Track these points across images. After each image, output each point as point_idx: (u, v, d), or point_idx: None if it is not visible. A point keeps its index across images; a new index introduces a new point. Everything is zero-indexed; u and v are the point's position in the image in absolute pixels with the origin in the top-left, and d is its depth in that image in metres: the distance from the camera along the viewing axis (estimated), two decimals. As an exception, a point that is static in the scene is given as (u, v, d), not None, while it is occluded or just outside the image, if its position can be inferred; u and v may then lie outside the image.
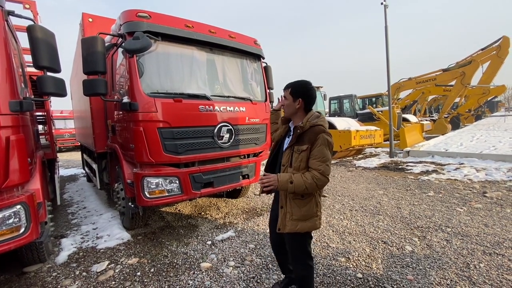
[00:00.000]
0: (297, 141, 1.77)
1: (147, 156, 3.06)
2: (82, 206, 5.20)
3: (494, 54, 14.18)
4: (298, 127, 1.78)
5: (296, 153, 1.75)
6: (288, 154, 1.81)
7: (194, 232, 3.65)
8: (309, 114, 1.82)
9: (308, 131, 1.75)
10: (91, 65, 2.82)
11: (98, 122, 4.34)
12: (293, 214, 1.77)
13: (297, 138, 1.77)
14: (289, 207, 1.79)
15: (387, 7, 8.71)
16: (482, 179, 5.71)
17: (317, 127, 1.74)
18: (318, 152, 1.68)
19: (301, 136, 1.76)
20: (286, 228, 1.79)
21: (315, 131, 1.72)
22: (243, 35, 4.02)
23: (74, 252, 3.26)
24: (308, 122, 1.76)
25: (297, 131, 1.77)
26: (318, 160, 1.67)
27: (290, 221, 1.78)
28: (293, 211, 1.78)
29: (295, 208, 1.77)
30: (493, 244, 2.98)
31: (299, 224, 1.76)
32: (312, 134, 1.72)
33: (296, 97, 1.82)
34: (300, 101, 1.81)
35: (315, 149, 1.69)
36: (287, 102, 1.86)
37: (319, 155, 1.67)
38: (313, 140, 1.70)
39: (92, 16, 4.17)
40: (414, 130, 11.71)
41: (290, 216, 1.78)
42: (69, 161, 12.74)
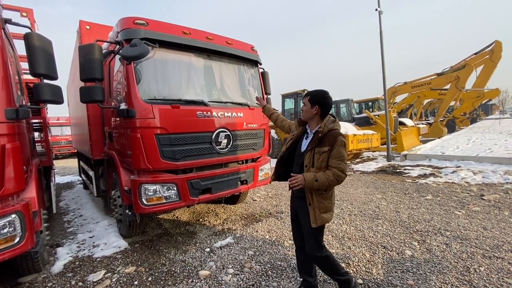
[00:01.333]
0: (318, 143, 1.97)
1: (145, 163, 3.04)
2: (79, 214, 5.14)
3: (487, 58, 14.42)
4: (318, 132, 1.99)
5: (317, 154, 1.95)
6: (310, 156, 2.00)
7: (193, 239, 3.62)
8: (325, 119, 2.03)
9: (327, 134, 1.97)
10: (88, 72, 2.82)
11: (95, 129, 4.31)
12: (320, 208, 1.97)
13: (318, 141, 1.97)
14: (316, 202, 1.97)
15: (382, 13, 8.85)
16: (479, 182, 5.74)
17: (334, 131, 1.98)
18: (337, 152, 1.92)
19: (321, 139, 1.97)
20: (318, 221, 1.96)
21: (333, 134, 1.96)
22: (240, 42, 4.05)
23: (70, 262, 3.20)
24: (326, 126, 1.99)
25: (318, 135, 1.98)
26: (337, 159, 1.91)
27: (320, 215, 1.96)
28: (320, 205, 1.97)
29: (321, 203, 1.98)
30: (493, 247, 2.98)
31: (326, 216, 1.98)
32: (331, 137, 1.95)
33: (313, 104, 2.04)
34: (316, 108, 2.03)
35: (334, 150, 1.92)
36: (306, 108, 2.08)
37: (338, 155, 1.92)
38: (332, 142, 1.93)
39: (89, 24, 4.19)
40: (411, 134, 11.79)
41: (319, 210, 1.97)
42: (65, 168, 12.63)
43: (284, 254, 3.06)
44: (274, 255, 3.05)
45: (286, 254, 3.07)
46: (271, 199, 5.39)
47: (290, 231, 3.69)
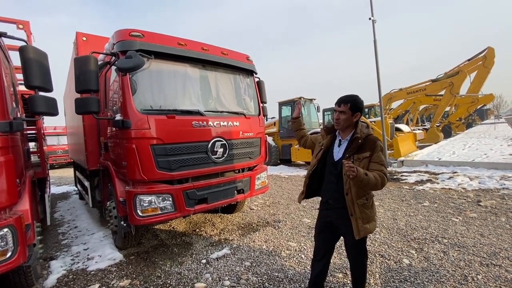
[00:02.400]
0: (358, 150, 1.95)
1: (140, 174, 3.02)
2: (73, 226, 5.07)
3: (481, 64, 14.66)
4: (358, 138, 1.97)
5: (357, 161, 1.92)
6: None
7: (189, 251, 3.57)
8: (359, 125, 2.03)
9: (366, 139, 1.96)
10: (84, 83, 2.83)
11: (90, 139, 4.30)
12: (363, 218, 1.92)
13: (358, 147, 1.95)
14: (359, 212, 1.92)
15: (375, 22, 9.01)
16: (476, 188, 5.76)
17: (372, 136, 1.99)
18: (378, 157, 1.91)
19: (361, 145, 1.95)
20: (361, 233, 1.91)
21: (372, 139, 1.96)
22: (235, 52, 4.09)
23: (64, 275, 3.14)
24: (363, 132, 1.99)
25: (358, 141, 1.96)
26: (378, 163, 1.90)
27: (363, 225, 1.92)
28: (363, 215, 1.92)
29: (363, 213, 1.93)
30: (490, 255, 2.97)
31: (369, 226, 1.94)
32: (371, 142, 1.95)
33: (355, 111, 1.99)
34: (358, 115, 2.01)
35: (375, 155, 1.92)
36: (345, 116, 1.99)
37: (380, 160, 1.91)
38: (373, 147, 1.93)
39: (86, 35, 4.22)
40: (407, 140, 11.84)
41: (362, 221, 1.92)
42: (61, 178, 12.51)
43: (281, 265, 3.03)
44: (271, 266, 3.02)
45: (283, 264, 3.04)
46: (268, 208, 5.36)
47: (287, 241, 3.67)
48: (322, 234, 2.20)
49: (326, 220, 2.17)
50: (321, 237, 2.21)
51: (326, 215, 2.17)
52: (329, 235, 2.16)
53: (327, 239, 2.18)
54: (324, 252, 2.19)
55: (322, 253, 2.19)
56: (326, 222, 2.16)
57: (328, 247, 2.19)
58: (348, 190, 1.93)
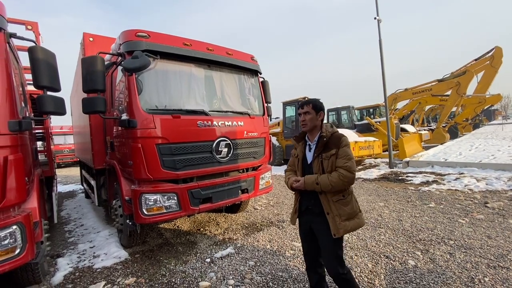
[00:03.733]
0: (324, 148, 1.95)
1: (145, 173, 3.05)
2: (80, 224, 5.14)
3: (488, 64, 14.46)
4: (323, 136, 1.98)
5: (326, 159, 1.93)
6: (318, 163, 1.96)
7: (193, 249, 3.59)
8: (325, 125, 2.06)
9: (331, 138, 1.97)
10: (91, 83, 2.87)
11: (97, 138, 4.35)
12: (341, 215, 1.87)
13: (323, 146, 1.95)
14: (335, 209, 1.88)
15: (381, 21, 8.95)
16: (483, 189, 5.68)
17: (337, 133, 2.01)
18: (343, 152, 1.91)
19: (327, 144, 1.96)
20: (341, 231, 1.85)
21: (337, 136, 1.97)
22: (240, 52, 4.11)
23: (70, 272, 3.19)
24: (328, 131, 2.00)
25: (323, 140, 1.96)
26: (343, 158, 1.88)
27: (341, 223, 1.86)
28: (340, 212, 1.88)
29: (341, 210, 1.88)
30: (497, 257, 2.93)
31: (350, 224, 1.88)
32: (336, 139, 1.96)
33: (318, 110, 2.02)
34: (321, 114, 2.04)
35: (340, 150, 1.91)
36: (310, 116, 2.01)
37: (344, 154, 1.90)
38: (338, 144, 1.93)
39: (92, 36, 4.27)
40: (413, 140, 11.74)
41: (339, 218, 1.87)
42: (67, 177, 12.67)
43: (285, 265, 3.03)
44: (275, 266, 3.02)
45: (288, 264, 3.04)
46: (272, 208, 5.36)
47: (291, 241, 3.67)
48: (306, 242, 2.12)
49: (306, 227, 2.08)
50: (306, 244, 2.13)
51: (305, 221, 2.08)
52: (312, 242, 2.06)
53: (312, 247, 2.08)
54: (312, 259, 2.12)
55: (310, 260, 2.13)
56: (307, 228, 2.07)
57: (315, 255, 2.09)
58: None
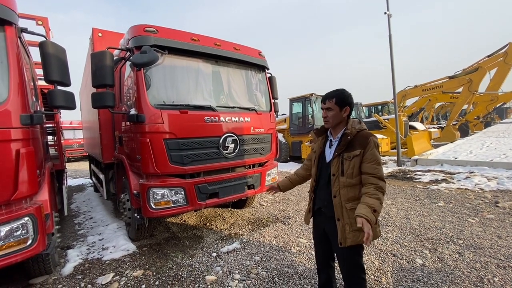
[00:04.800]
0: (347, 147, 1.74)
1: (153, 167, 3.08)
2: (89, 217, 5.24)
3: (501, 61, 14.02)
4: (347, 134, 1.76)
5: (347, 160, 1.72)
6: (337, 163, 1.77)
7: (199, 244, 3.63)
8: (351, 121, 1.83)
9: (357, 136, 1.74)
10: (100, 78, 2.90)
11: (105, 133, 4.41)
12: (352, 224, 1.68)
13: (346, 144, 1.75)
14: (347, 218, 1.71)
15: (391, 16, 8.77)
16: (494, 188, 5.56)
17: (364, 132, 1.76)
18: (371, 155, 1.68)
19: (351, 142, 1.74)
20: (348, 241, 1.69)
21: (364, 135, 1.73)
22: (247, 47, 4.08)
23: (80, 264, 3.26)
24: (354, 128, 1.77)
25: (347, 138, 1.75)
26: (373, 163, 1.67)
27: (351, 232, 1.69)
28: (352, 221, 1.68)
29: (353, 219, 1.66)
30: (507, 257, 2.87)
31: (361, 235, 1.63)
32: (362, 138, 1.72)
33: (342, 106, 1.80)
34: (347, 109, 1.81)
35: (367, 153, 1.69)
36: (333, 112, 1.81)
37: (373, 158, 1.68)
38: (364, 144, 1.70)
39: (101, 31, 4.30)
40: (422, 138, 11.54)
41: (350, 227, 1.70)
42: (77, 171, 12.92)
43: (291, 261, 3.03)
44: (281, 261, 3.03)
45: (293, 260, 3.04)
46: (278, 204, 5.36)
47: (297, 237, 3.66)
48: (320, 245, 2.03)
49: (320, 229, 1.98)
50: (319, 248, 2.05)
51: (319, 223, 1.99)
52: (326, 245, 1.96)
53: (325, 250, 1.99)
54: (323, 263, 2.05)
55: (322, 263, 2.06)
56: (320, 231, 1.97)
57: (326, 258, 2.02)
58: (337, 192, 1.75)
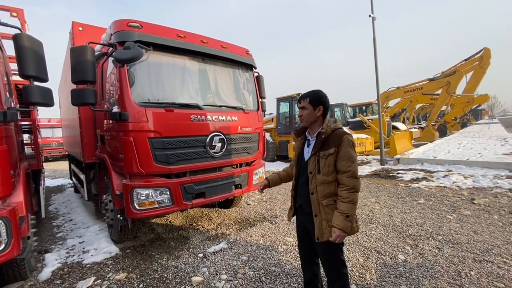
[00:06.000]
0: (322, 146, 1.80)
1: (137, 167, 2.99)
2: (69, 219, 5.03)
3: (477, 65, 14.77)
4: (321, 133, 1.81)
5: (323, 158, 1.77)
6: (314, 161, 1.82)
7: (185, 245, 3.56)
8: (326, 120, 1.87)
9: (331, 135, 1.80)
10: (80, 74, 2.78)
11: (86, 132, 4.24)
12: (328, 220, 1.75)
13: (321, 143, 1.79)
14: (324, 213, 1.78)
15: (375, 19, 8.99)
16: (470, 186, 5.83)
17: (338, 130, 1.81)
18: (345, 153, 1.73)
19: (325, 141, 1.79)
20: (325, 236, 1.76)
21: (338, 134, 1.78)
22: (235, 46, 4.05)
23: (59, 268, 3.12)
24: (328, 127, 1.82)
25: (321, 137, 1.80)
26: (347, 161, 1.72)
27: (327, 228, 1.75)
28: (328, 217, 1.76)
29: (329, 214, 1.76)
30: (483, 251, 3.01)
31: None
32: (336, 137, 1.77)
33: (316, 105, 1.86)
34: (320, 108, 1.87)
35: (342, 151, 1.74)
36: (307, 111, 1.87)
37: (347, 156, 1.73)
38: (338, 143, 1.75)
39: (82, 25, 4.13)
40: (404, 138, 11.94)
41: (327, 223, 1.76)
42: (56, 171, 12.39)
43: (278, 260, 3.04)
44: (268, 261, 3.03)
45: (280, 259, 3.05)
46: (265, 203, 5.37)
47: (284, 236, 3.68)
48: (303, 242, 2.08)
49: (301, 226, 2.04)
50: (302, 245, 2.10)
51: (300, 220, 2.05)
52: (309, 242, 2.00)
53: (308, 247, 2.03)
54: (307, 260, 2.09)
55: (306, 260, 2.11)
56: (302, 228, 2.03)
57: (310, 255, 2.06)
58: (314, 189, 1.81)
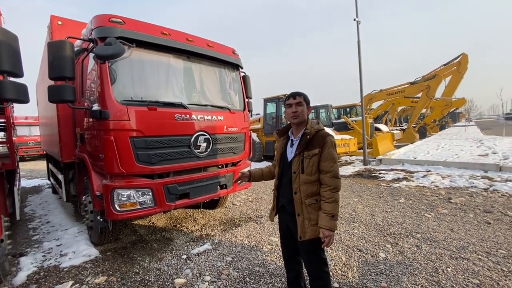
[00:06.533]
0: (307, 146, 1.83)
1: (118, 167, 2.90)
2: (46, 221, 4.81)
3: (455, 70, 15.43)
4: (306, 134, 1.85)
5: (307, 158, 1.81)
6: (298, 161, 1.85)
7: (169, 246, 3.50)
8: (310, 121, 1.93)
9: (315, 136, 1.84)
10: (58, 70, 2.66)
11: (65, 130, 4.07)
12: (311, 219, 1.80)
13: (306, 143, 1.83)
14: (306, 213, 1.81)
15: (360, 23, 9.20)
16: (447, 186, 6.08)
17: (322, 132, 1.87)
18: (328, 154, 1.78)
19: (310, 142, 1.83)
20: (307, 235, 1.79)
21: (322, 135, 1.83)
22: (221, 45, 4.02)
23: (34, 272, 2.98)
24: (313, 128, 1.87)
25: (306, 137, 1.84)
26: (329, 161, 1.78)
27: (310, 227, 1.79)
28: (311, 216, 1.80)
29: (312, 214, 1.80)
30: (459, 249, 3.15)
31: (316, 229, 1.78)
32: (320, 138, 1.82)
33: (308, 104, 1.93)
34: (310, 108, 1.96)
35: (325, 152, 1.79)
36: (303, 107, 1.89)
37: (330, 157, 1.78)
38: (322, 144, 1.80)
39: (61, 19, 3.97)
40: (386, 139, 12.29)
41: (309, 222, 1.80)
42: (33, 171, 11.84)
43: (262, 260, 3.05)
44: (253, 261, 3.03)
45: (265, 259, 3.06)
46: (251, 203, 5.37)
47: (269, 236, 3.69)
48: (286, 242, 2.10)
49: (284, 226, 2.06)
50: (285, 245, 2.13)
51: (283, 220, 2.06)
52: (292, 241, 2.01)
53: (291, 246, 2.06)
54: (291, 259, 2.12)
55: (289, 260, 2.13)
56: (285, 228, 2.05)
57: (293, 254, 2.09)
58: (297, 188, 1.83)
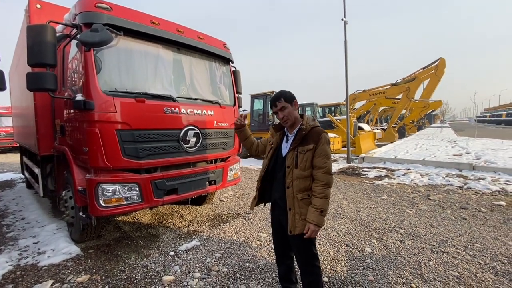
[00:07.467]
0: (301, 142, 1.87)
1: (103, 161, 2.77)
2: (20, 217, 4.53)
3: (433, 73, 16.12)
4: (302, 129, 1.90)
5: (301, 153, 1.84)
6: (292, 156, 1.88)
7: (155, 243, 3.40)
8: (305, 117, 1.98)
9: (310, 132, 1.89)
10: (38, 56, 2.49)
11: (43, 121, 3.82)
12: (302, 214, 1.83)
13: (301, 139, 1.87)
14: (298, 207, 1.84)
15: (347, 23, 9.35)
16: (426, 183, 6.36)
17: (317, 128, 1.91)
18: (322, 150, 1.83)
19: (305, 137, 1.88)
20: (297, 229, 1.82)
21: (317, 132, 1.88)
22: (212, 37, 3.93)
23: (10, 271, 2.80)
24: (308, 124, 1.92)
25: (302, 133, 1.89)
26: (323, 157, 1.82)
27: (300, 221, 1.82)
28: (302, 211, 1.83)
29: (303, 208, 1.83)
30: (439, 243, 3.30)
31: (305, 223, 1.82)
32: (315, 134, 1.87)
33: (291, 101, 1.96)
34: (296, 102, 1.99)
35: (319, 148, 1.83)
36: (288, 109, 1.94)
37: (324, 153, 1.83)
38: (317, 140, 1.84)
39: (40, 2, 3.71)
40: (368, 138, 12.66)
41: (300, 216, 1.83)
42: (4, 164, 11.13)
43: (252, 255, 3.04)
44: (242, 257, 3.01)
45: (254, 255, 3.05)
46: (238, 200, 5.34)
47: (257, 231, 3.69)
48: (277, 236, 2.15)
49: (276, 221, 2.10)
50: (277, 239, 2.17)
51: (275, 215, 2.11)
52: (283, 236, 2.05)
53: (283, 241, 2.10)
54: (282, 254, 2.16)
55: (281, 255, 2.17)
56: (277, 222, 2.10)
57: (285, 249, 2.13)
58: (290, 183, 1.86)
